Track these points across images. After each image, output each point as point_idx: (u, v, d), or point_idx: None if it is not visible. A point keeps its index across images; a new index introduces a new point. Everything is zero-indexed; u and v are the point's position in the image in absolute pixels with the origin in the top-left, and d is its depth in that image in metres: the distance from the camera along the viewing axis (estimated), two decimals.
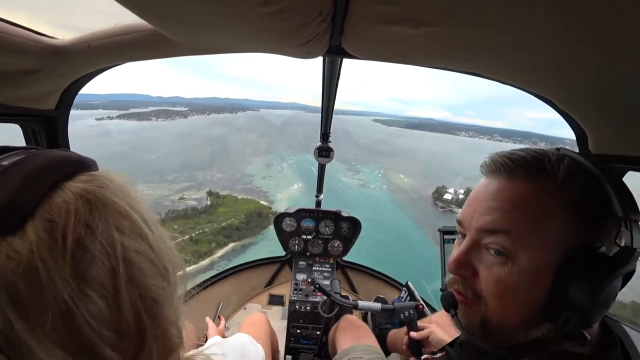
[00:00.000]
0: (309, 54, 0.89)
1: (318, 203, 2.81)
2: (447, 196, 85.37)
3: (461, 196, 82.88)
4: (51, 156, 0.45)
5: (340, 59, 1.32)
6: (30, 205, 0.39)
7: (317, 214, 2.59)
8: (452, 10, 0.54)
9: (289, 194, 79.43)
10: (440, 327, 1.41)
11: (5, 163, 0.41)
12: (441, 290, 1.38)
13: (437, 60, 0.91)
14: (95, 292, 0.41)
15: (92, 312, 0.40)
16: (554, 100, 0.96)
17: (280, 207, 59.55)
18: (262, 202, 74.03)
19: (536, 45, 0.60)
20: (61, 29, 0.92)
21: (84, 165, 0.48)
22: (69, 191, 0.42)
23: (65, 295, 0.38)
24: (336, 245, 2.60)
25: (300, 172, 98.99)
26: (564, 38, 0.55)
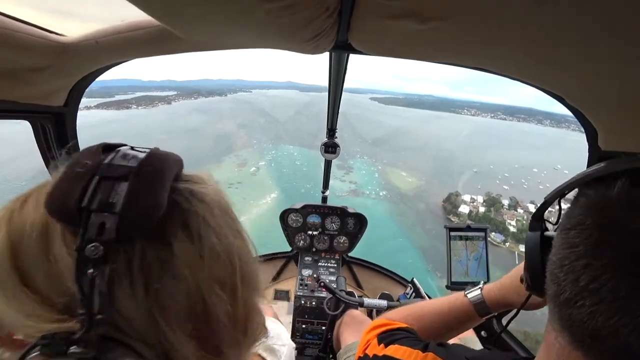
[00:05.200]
0: (315, 50, 0.89)
1: (324, 199, 2.81)
2: (464, 208, 60.43)
3: (482, 209, 60.40)
4: (166, 157, 0.43)
5: (346, 55, 1.31)
6: (162, 209, 0.38)
7: (323, 210, 2.59)
8: (459, 5, 0.53)
9: (257, 212, 54.33)
10: None
11: (131, 164, 0.39)
12: (447, 287, 1.37)
13: (444, 55, 0.90)
14: (224, 292, 0.41)
15: (222, 310, 0.41)
16: (564, 96, 0.95)
17: None
18: None
19: (545, 40, 0.59)
20: (69, 26, 0.93)
21: (182, 164, 0.46)
22: (187, 194, 0.42)
23: (206, 296, 0.40)
24: (342, 241, 2.61)
25: (278, 172, 76.03)
26: (573, 32, 0.54)
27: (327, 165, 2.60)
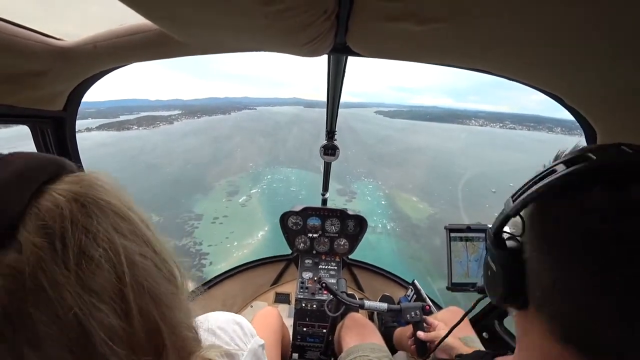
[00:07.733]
0: (313, 53, 0.89)
1: (324, 201, 2.81)
2: None
3: None
4: (32, 158, 0.40)
5: (345, 57, 1.32)
6: (17, 212, 0.34)
7: (323, 212, 2.59)
8: (458, 6, 0.53)
9: (239, 256, 42.98)
10: (446, 328, 1.40)
11: None
12: (447, 288, 1.37)
13: (443, 57, 0.90)
14: (105, 305, 0.37)
15: (106, 327, 0.36)
16: (562, 96, 0.95)
17: None
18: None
19: (544, 40, 0.59)
20: (67, 30, 0.93)
21: (68, 167, 0.44)
22: (58, 194, 0.38)
23: (78, 311, 0.35)
24: (342, 243, 2.60)
25: (270, 200, 64.69)
26: (571, 33, 0.54)
27: (327, 167, 2.60)
